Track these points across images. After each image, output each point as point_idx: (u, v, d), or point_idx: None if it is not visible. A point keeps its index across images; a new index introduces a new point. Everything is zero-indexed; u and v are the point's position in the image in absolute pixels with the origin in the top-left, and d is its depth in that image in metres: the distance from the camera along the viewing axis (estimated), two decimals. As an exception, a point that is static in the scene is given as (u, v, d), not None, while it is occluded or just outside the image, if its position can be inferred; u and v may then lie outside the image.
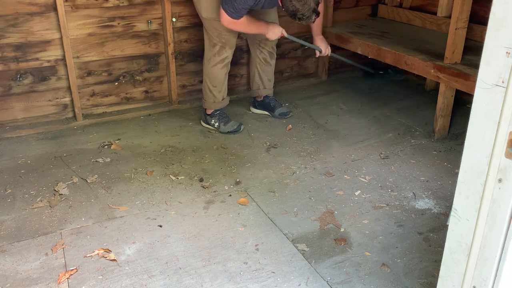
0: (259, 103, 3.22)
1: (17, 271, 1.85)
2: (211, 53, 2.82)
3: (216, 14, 2.64)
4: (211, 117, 2.97)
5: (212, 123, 2.96)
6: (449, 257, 1.19)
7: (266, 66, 3.12)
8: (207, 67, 2.87)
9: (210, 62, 2.84)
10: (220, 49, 2.78)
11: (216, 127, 2.95)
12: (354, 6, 3.82)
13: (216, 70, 2.85)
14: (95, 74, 3.09)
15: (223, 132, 2.92)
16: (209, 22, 2.72)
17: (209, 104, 2.95)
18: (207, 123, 2.99)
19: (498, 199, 1.02)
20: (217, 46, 2.78)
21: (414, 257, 1.93)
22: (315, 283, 1.79)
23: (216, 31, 2.73)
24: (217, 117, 2.96)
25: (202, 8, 2.71)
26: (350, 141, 2.87)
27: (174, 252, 1.95)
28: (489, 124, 1.00)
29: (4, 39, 2.79)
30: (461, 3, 2.58)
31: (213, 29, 2.73)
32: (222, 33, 2.72)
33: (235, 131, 2.93)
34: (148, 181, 2.45)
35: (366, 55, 3.31)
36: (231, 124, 2.95)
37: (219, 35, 2.74)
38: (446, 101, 2.84)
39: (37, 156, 2.68)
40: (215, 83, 2.89)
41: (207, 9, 2.69)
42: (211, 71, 2.86)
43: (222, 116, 2.97)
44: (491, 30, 0.96)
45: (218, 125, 2.94)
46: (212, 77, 2.88)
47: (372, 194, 2.35)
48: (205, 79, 2.91)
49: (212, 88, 2.90)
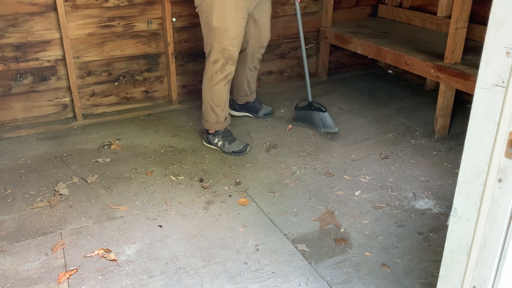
0: (241, 106, 3.16)
1: (17, 271, 1.85)
2: (212, 71, 2.61)
3: (228, 23, 2.49)
4: (214, 136, 2.77)
5: (215, 142, 2.76)
6: (449, 257, 1.19)
7: (254, 72, 3.04)
8: (209, 86, 2.65)
9: (212, 80, 2.63)
10: (222, 65, 2.58)
11: (220, 147, 2.75)
12: (354, 6, 3.82)
13: (219, 88, 2.65)
14: (95, 74, 3.09)
15: (227, 151, 2.72)
16: (217, 33, 2.51)
17: (212, 125, 2.74)
18: (210, 143, 2.79)
19: (498, 199, 1.02)
20: (218, 63, 2.57)
21: (414, 257, 1.93)
22: (315, 283, 1.79)
23: (220, 45, 2.52)
24: (221, 136, 2.76)
25: (213, 16, 2.47)
26: (350, 141, 2.87)
27: (174, 252, 1.95)
28: (489, 124, 1.00)
29: (4, 39, 2.79)
30: (461, 3, 2.58)
31: (217, 44, 2.52)
32: (226, 48, 2.53)
33: (241, 151, 2.72)
34: (148, 181, 2.45)
35: (366, 55, 3.31)
36: (237, 144, 2.75)
37: (222, 51, 2.54)
38: (446, 101, 2.84)
39: (37, 156, 2.68)
40: (218, 102, 2.69)
41: (220, 17, 2.48)
42: (214, 90, 2.65)
43: (226, 135, 2.77)
44: (491, 30, 0.96)
45: (222, 144, 2.74)
46: (215, 96, 2.67)
47: (372, 194, 2.35)
48: (206, 99, 2.70)
49: (215, 107, 2.69)
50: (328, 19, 3.64)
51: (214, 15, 2.47)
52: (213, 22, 2.49)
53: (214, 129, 2.76)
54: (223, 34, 2.50)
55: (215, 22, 2.48)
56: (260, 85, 3.59)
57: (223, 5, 2.45)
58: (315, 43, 3.77)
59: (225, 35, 2.51)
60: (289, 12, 3.56)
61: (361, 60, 3.99)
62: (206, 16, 2.51)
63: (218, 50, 2.54)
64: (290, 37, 3.62)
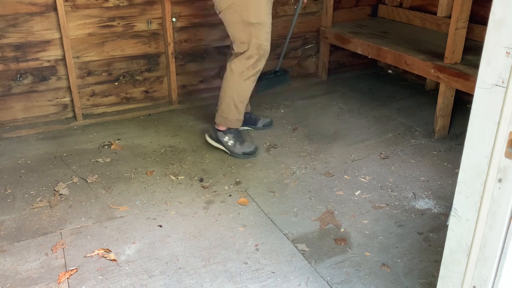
0: None
1: (17, 271, 1.85)
2: (244, 66, 2.51)
3: (263, 17, 2.44)
4: (224, 134, 2.65)
5: (225, 140, 2.65)
6: (449, 257, 1.19)
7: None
8: (238, 81, 2.54)
9: (242, 76, 2.53)
10: (256, 61, 2.50)
11: (230, 146, 2.64)
12: (354, 6, 3.82)
13: (249, 84, 2.57)
14: (95, 74, 3.09)
15: (237, 153, 2.64)
16: (254, 30, 2.43)
17: (231, 122, 2.63)
18: (218, 141, 2.68)
19: (498, 199, 1.02)
20: (252, 59, 2.49)
21: (414, 257, 1.93)
22: (315, 283, 1.79)
23: (258, 41, 2.45)
24: (233, 134, 2.66)
25: (250, 13, 2.40)
26: (350, 141, 2.87)
27: (174, 252, 1.95)
28: (489, 124, 1.00)
29: (4, 39, 2.79)
30: (461, 3, 2.58)
31: (255, 40, 2.45)
32: (262, 43, 2.47)
33: (251, 153, 2.65)
34: (148, 181, 2.45)
35: (366, 55, 3.31)
36: (247, 145, 2.68)
37: (258, 47, 2.47)
38: (446, 101, 2.84)
39: (37, 156, 2.68)
40: (244, 98, 2.61)
41: (257, 12, 2.41)
42: (243, 85, 2.56)
43: (238, 134, 2.68)
44: (491, 30, 0.96)
45: (233, 144, 2.64)
46: (242, 92, 2.59)
47: (372, 194, 2.35)
48: (231, 94, 2.58)
49: (239, 104, 2.60)
50: (328, 19, 3.64)
51: (251, 11, 2.41)
52: (250, 18, 2.41)
53: (233, 127, 2.65)
54: (260, 30, 2.45)
55: (253, 18, 2.41)
56: (260, 85, 3.59)
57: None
58: (315, 43, 3.77)
59: (262, 30, 2.46)
60: (289, 12, 3.56)
61: (361, 60, 3.99)
62: (240, 14, 2.41)
63: (255, 47, 2.47)
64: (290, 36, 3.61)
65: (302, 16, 3.62)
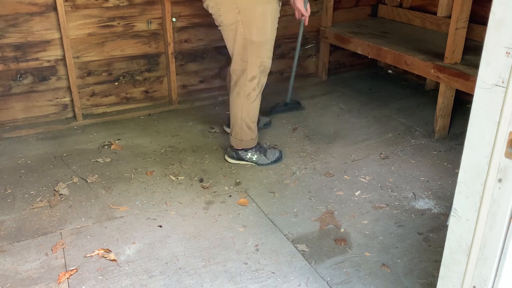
0: None
1: (17, 271, 1.85)
2: (250, 88, 2.43)
3: (267, 35, 2.36)
4: (246, 152, 2.58)
5: (249, 157, 2.59)
6: (449, 257, 1.19)
7: None
8: (247, 104, 2.46)
9: (249, 98, 2.45)
10: (259, 80, 2.43)
11: (256, 160, 2.59)
12: (354, 6, 3.82)
13: (256, 103, 2.50)
14: (95, 74, 3.09)
15: (264, 163, 2.59)
16: (255, 48, 2.34)
17: (248, 143, 2.56)
18: (241, 159, 2.60)
19: (498, 199, 1.02)
20: (256, 79, 2.41)
21: (414, 257, 1.93)
22: (315, 284, 1.79)
23: (259, 59, 2.37)
24: (255, 149, 2.59)
25: (253, 31, 2.30)
26: (350, 141, 2.87)
27: (174, 252, 1.95)
28: (489, 124, 1.00)
29: (4, 39, 2.79)
30: (461, 3, 2.58)
31: (255, 59, 2.36)
32: (263, 61, 2.39)
33: (278, 159, 2.62)
34: (148, 181, 2.45)
35: (366, 55, 3.31)
36: (271, 153, 2.63)
37: (260, 65, 2.39)
38: (446, 101, 2.84)
39: (37, 156, 2.68)
40: (254, 118, 2.53)
41: (261, 31, 2.32)
42: (252, 107, 2.49)
43: (259, 146, 2.62)
44: (491, 30, 0.96)
45: (258, 158, 2.59)
46: (253, 113, 2.51)
47: (372, 194, 2.35)
48: (241, 118, 2.49)
49: (251, 124, 2.52)
50: (328, 19, 3.64)
51: (254, 30, 2.31)
52: (253, 37, 2.32)
53: (245, 147, 2.58)
54: (261, 48, 2.36)
55: (256, 37, 2.32)
56: (260, 85, 3.59)
57: (264, 18, 2.31)
58: (315, 43, 3.77)
59: (263, 48, 2.37)
60: (289, 12, 3.55)
61: (361, 60, 3.99)
62: (242, 31, 2.31)
63: (256, 65, 2.38)
64: (290, 37, 3.62)
65: (302, 16, 3.61)
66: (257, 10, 2.30)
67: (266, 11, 2.31)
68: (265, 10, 2.31)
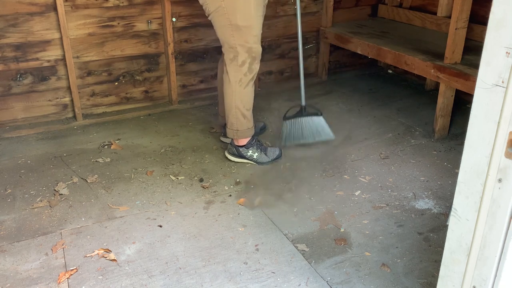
0: None
1: (17, 271, 1.85)
2: (241, 73, 2.44)
3: (252, 20, 2.38)
4: (247, 149, 2.57)
5: (250, 155, 2.58)
6: (449, 257, 1.19)
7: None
8: (239, 91, 2.47)
9: (241, 84, 2.46)
10: (250, 65, 2.44)
11: (256, 158, 2.58)
12: (354, 6, 3.82)
13: (249, 89, 2.49)
14: (95, 74, 3.09)
15: (265, 162, 2.58)
16: (242, 33, 2.37)
17: (244, 133, 2.54)
18: (242, 156, 2.59)
19: (498, 199, 1.02)
20: (246, 64, 2.43)
21: (414, 257, 1.93)
22: (315, 283, 1.79)
23: (247, 45, 2.39)
24: (255, 146, 2.58)
25: (238, 16, 2.34)
26: (350, 141, 2.87)
27: (174, 252, 1.95)
28: (489, 124, 1.00)
29: (4, 39, 2.79)
30: (461, 3, 2.58)
31: (243, 43, 2.39)
32: (252, 46, 2.41)
33: (278, 157, 2.61)
34: (148, 181, 2.45)
35: (366, 55, 3.31)
36: (272, 150, 2.62)
37: (248, 50, 2.40)
38: (446, 101, 2.84)
39: (37, 156, 2.68)
40: (249, 105, 2.53)
41: (245, 15, 2.35)
42: (245, 93, 2.48)
43: (259, 144, 2.60)
44: (491, 30, 0.96)
45: (259, 156, 2.58)
46: (246, 100, 2.50)
47: (372, 194, 2.35)
48: (235, 106, 2.49)
49: (246, 112, 2.52)
50: (328, 19, 3.64)
51: (238, 14, 2.34)
52: (238, 21, 2.34)
53: (246, 138, 2.57)
54: (248, 33, 2.38)
55: (240, 21, 2.35)
56: (260, 85, 3.59)
57: (246, 2, 2.34)
58: (315, 43, 3.77)
59: (250, 34, 2.38)
60: (289, 12, 3.56)
61: (361, 60, 3.99)
62: (227, 17, 2.35)
63: (244, 50, 2.40)
64: (290, 37, 3.62)
65: (302, 16, 3.59)
66: None
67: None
68: None
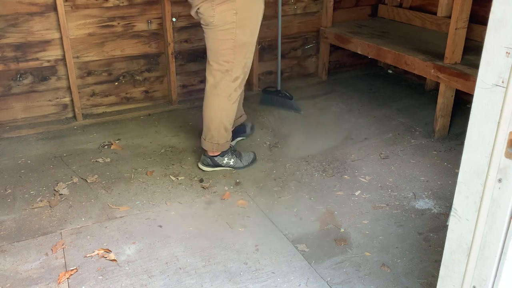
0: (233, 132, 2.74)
1: (17, 271, 1.85)
2: (231, 89, 2.38)
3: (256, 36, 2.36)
4: (222, 157, 2.52)
5: (226, 162, 2.53)
6: (449, 257, 1.19)
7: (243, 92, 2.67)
8: (227, 105, 2.41)
9: (231, 99, 2.40)
10: (241, 81, 2.40)
11: (233, 165, 2.55)
12: (354, 6, 3.82)
13: (235, 105, 2.46)
14: (95, 74, 3.09)
15: (240, 167, 2.56)
16: (244, 49, 2.31)
17: (223, 146, 2.50)
18: (218, 165, 2.53)
19: (498, 199, 1.02)
20: (239, 80, 2.38)
21: (414, 257, 1.93)
22: (315, 283, 1.79)
23: (244, 60, 2.34)
24: (230, 153, 2.54)
25: (246, 31, 2.27)
26: (350, 141, 2.87)
27: (174, 252, 1.95)
28: (489, 124, 1.00)
29: (4, 39, 2.79)
30: (461, 3, 2.58)
31: (242, 59, 2.33)
32: (247, 61, 2.36)
33: (253, 161, 2.61)
34: (148, 181, 2.45)
35: (366, 55, 3.31)
36: (245, 156, 2.60)
37: (244, 65, 2.36)
38: (446, 101, 2.84)
39: (37, 156, 2.68)
40: (232, 120, 2.49)
41: (252, 31, 2.31)
42: (231, 108, 2.44)
43: (232, 150, 2.57)
44: (491, 30, 0.96)
45: (235, 161, 2.54)
46: (231, 114, 2.47)
47: (372, 194, 2.35)
48: (219, 120, 2.43)
49: (228, 126, 2.48)
50: (328, 19, 3.64)
51: (248, 31, 2.29)
52: (245, 38, 2.29)
53: (221, 151, 2.52)
54: (249, 48, 2.34)
55: (248, 38, 2.30)
56: (260, 85, 3.59)
57: (257, 18, 2.31)
58: (315, 43, 3.77)
59: (250, 49, 2.35)
60: (288, 12, 3.56)
61: (361, 60, 3.99)
62: (235, 33, 2.25)
63: (241, 66, 2.35)
64: (290, 37, 3.62)
65: (302, 16, 3.62)
66: (254, 10, 2.29)
67: (260, 10, 2.32)
68: (259, 10, 2.31)
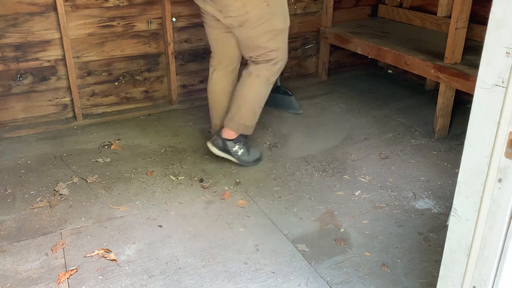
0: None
1: (17, 271, 1.85)
2: (271, 72, 2.41)
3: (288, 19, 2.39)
4: (234, 143, 2.49)
5: (235, 150, 2.49)
6: (449, 257, 1.19)
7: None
8: (264, 87, 2.44)
9: (268, 82, 2.44)
10: (281, 65, 2.42)
11: (241, 155, 2.51)
12: (354, 6, 3.82)
13: (269, 89, 2.50)
14: (95, 74, 3.09)
15: (247, 161, 2.53)
16: (283, 35, 2.36)
17: (248, 129, 2.50)
18: (226, 151, 2.50)
19: (498, 199, 1.02)
20: (279, 64, 2.40)
21: (414, 257, 1.93)
22: (315, 283, 1.79)
23: (284, 46, 2.39)
24: (242, 143, 2.51)
25: (281, 19, 2.33)
26: (350, 141, 2.87)
27: (174, 252, 1.95)
28: (489, 124, 1.00)
29: (4, 39, 2.79)
30: (461, 3, 2.58)
31: (284, 45, 2.38)
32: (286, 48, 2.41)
33: (259, 159, 2.60)
34: (148, 181, 2.45)
35: (366, 55, 3.31)
36: (254, 152, 2.58)
37: (285, 51, 2.42)
38: (446, 101, 2.84)
39: (37, 156, 2.68)
40: (262, 105, 2.51)
41: (285, 16, 2.35)
42: (267, 91, 2.47)
43: (246, 141, 2.54)
44: (491, 30, 0.96)
45: (243, 153, 2.51)
46: (264, 97, 2.49)
47: (372, 194, 2.35)
48: (253, 101, 2.44)
49: (258, 109, 2.49)
50: (328, 19, 3.64)
51: (281, 18, 2.34)
52: (281, 25, 2.34)
53: (244, 133, 2.51)
54: (286, 34, 2.39)
55: (283, 24, 2.35)
56: (260, 85, 3.58)
57: (283, 2, 2.35)
58: (315, 43, 3.77)
59: (287, 34, 2.40)
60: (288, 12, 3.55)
61: (361, 60, 3.99)
62: (271, 23, 2.28)
63: (283, 52, 2.39)
64: (290, 37, 3.56)
65: (302, 16, 3.62)
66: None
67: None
68: None
